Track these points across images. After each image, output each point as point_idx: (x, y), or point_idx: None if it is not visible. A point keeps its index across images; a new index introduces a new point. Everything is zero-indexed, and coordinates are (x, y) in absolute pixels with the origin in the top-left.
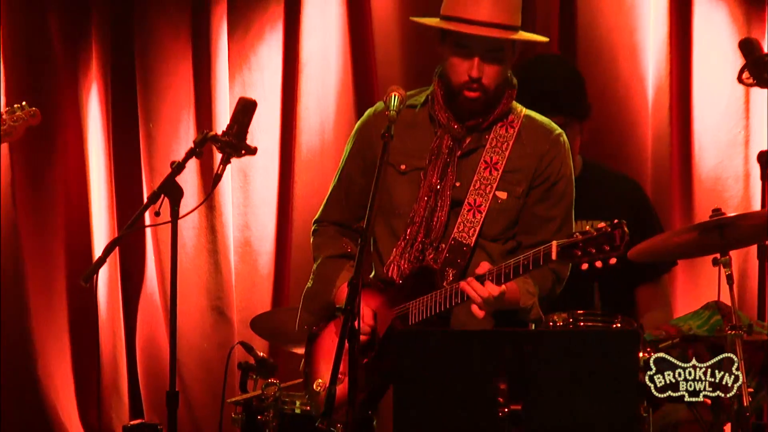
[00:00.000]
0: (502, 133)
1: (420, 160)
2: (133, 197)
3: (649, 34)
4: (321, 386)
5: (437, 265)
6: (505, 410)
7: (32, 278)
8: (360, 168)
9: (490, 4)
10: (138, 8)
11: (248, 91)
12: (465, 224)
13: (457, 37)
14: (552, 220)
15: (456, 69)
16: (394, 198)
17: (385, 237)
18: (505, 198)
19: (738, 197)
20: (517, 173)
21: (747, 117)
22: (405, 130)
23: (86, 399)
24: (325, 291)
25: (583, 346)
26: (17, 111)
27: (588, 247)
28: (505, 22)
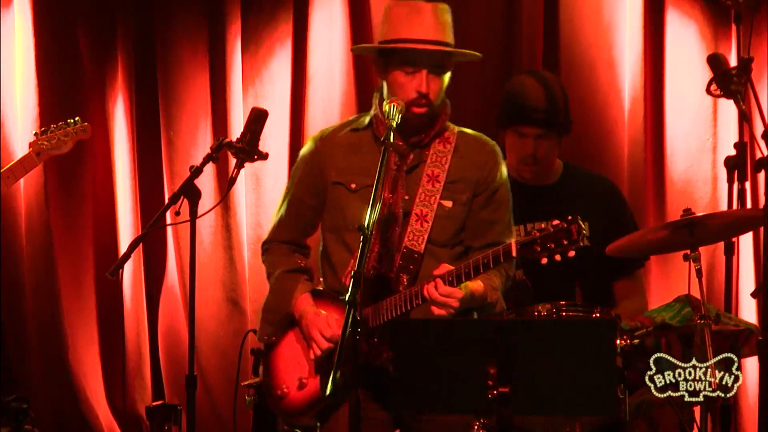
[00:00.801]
0: (440, 148)
1: (368, 178)
2: (155, 198)
3: (625, 50)
4: (285, 392)
5: (392, 273)
6: (494, 392)
7: (63, 272)
8: (310, 191)
9: (432, 25)
10: (159, 27)
11: (260, 102)
12: (414, 233)
13: (405, 57)
14: (497, 222)
15: (404, 87)
16: (346, 215)
17: (338, 251)
18: (451, 206)
19: (706, 198)
20: (459, 183)
21: (715, 125)
22: (351, 152)
23: (112, 382)
24: (284, 303)
25: (566, 334)
26: (70, 125)
27: (547, 242)
28: (445, 40)
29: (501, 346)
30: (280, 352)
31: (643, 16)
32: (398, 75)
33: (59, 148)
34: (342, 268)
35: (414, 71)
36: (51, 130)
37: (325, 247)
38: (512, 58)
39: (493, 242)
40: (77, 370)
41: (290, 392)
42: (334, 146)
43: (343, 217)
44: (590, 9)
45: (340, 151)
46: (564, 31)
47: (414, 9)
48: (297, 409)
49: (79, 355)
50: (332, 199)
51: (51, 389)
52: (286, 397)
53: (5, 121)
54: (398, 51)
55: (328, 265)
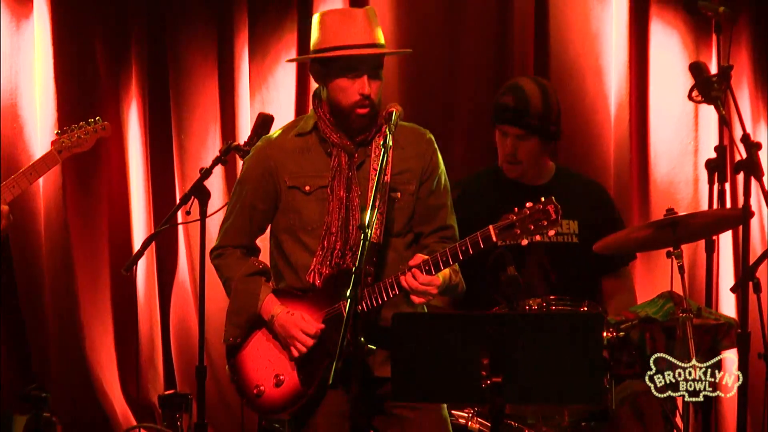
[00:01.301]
0: (380, 142)
1: (321, 179)
2: (167, 198)
3: (612, 59)
4: (262, 390)
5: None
6: (488, 382)
7: (80, 268)
8: (261, 196)
9: (366, 30)
10: (171, 36)
11: (266, 108)
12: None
13: (346, 63)
14: (443, 206)
15: (347, 92)
16: (303, 216)
17: (297, 252)
18: (400, 197)
19: (688, 199)
20: (405, 173)
21: (696, 129)
22: (300, 156)
23: (127, 372)
24: (249, 305)
25: (555, 327)
26: (90, 124)
27: (526, 224)
28: (379, 42)
29: (494, 338)
30: (249, 353)
31: (628, 26)
32: (340, 81)
33: (80, 146)
34: (303, 267)
35: (355, 76)
36: (72, 129)
37: (280, 248)
38: (505, 65)
39: (442, 226)
40: (93, 360)
41: (266, 390)
42: (283, 152)
43: (300, 218)
44: (578, 19)
45: (289, 156)
46: (553, 40)
47: (347, 16)
48: (276, 406)
49: (95, 347)
50: (287, 202)
51: (69, 379)
52: (263, 396)
53: (25, 125)
54: (338, 58)
55: (287, 265)
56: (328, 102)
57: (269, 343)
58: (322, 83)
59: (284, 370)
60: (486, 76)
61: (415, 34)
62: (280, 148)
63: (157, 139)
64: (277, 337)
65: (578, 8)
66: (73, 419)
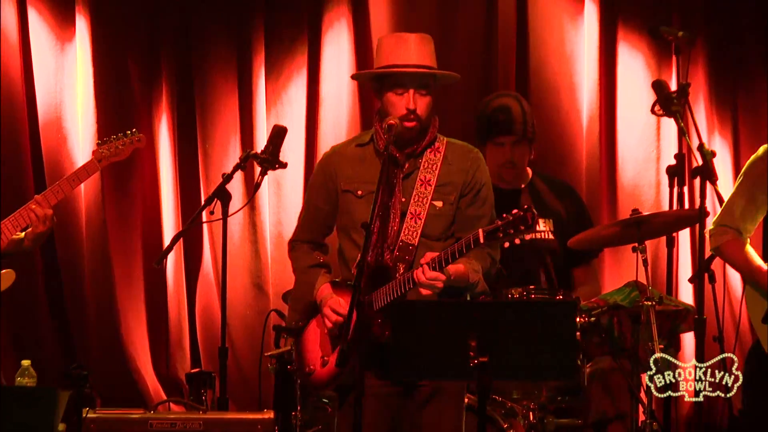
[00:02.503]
0: (431, 157)
1: (372, 185)
2: (193, 200)
3: (584, 77)
4: (312, 369)
5: (391, 263)
6: (475, 361)
7: (117, 262)
8: (324, 197)
9: (416, 52)
10: (196, 58)
11: (280, 121)
12: (409, 229)
13: (395, 80)
14: (483, 217)
15: (396, 106)
16: (354, 217)
17: (349, 248)
18: (441, 206)
19: (651, 200)
20: (448, 186)
21: (658, 140)
22: (357, 164)
23: (158, 353)
24: (307, 293)
25: (534, 313)
26: (128, 136)
27: (508, 229)
28: (429, 64)
29: (481, 323)
30: (306, 336)
31: (598, 48)
32: (390, 96)
33: (118, 155)
34: (353, 261)
35: (403, 92)
36: (111, 140)
37: (339, 245)
38: (490, 83)
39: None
40: (128, 342)
41: (316, 369)
42: (343, 159)
43: (352, 219)
44: (554, 42)
45: (348, 163)
46: (533, 60)
47: (401, 39)
48: (322, 383)
49: (129, 330)
50: (343, 204)
51: (106, 358)
52: (314, 374)
53: (68, 136)
54: (389, 75)
55: (342, 259)
56: (383, 116)
57: (320, 328)
58: (378, 98)
59: (328, 352)
60: (474, 92)
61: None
62: (342, 156)
63: (184, 148)
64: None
65: (555, 32)
66: (110, 394)
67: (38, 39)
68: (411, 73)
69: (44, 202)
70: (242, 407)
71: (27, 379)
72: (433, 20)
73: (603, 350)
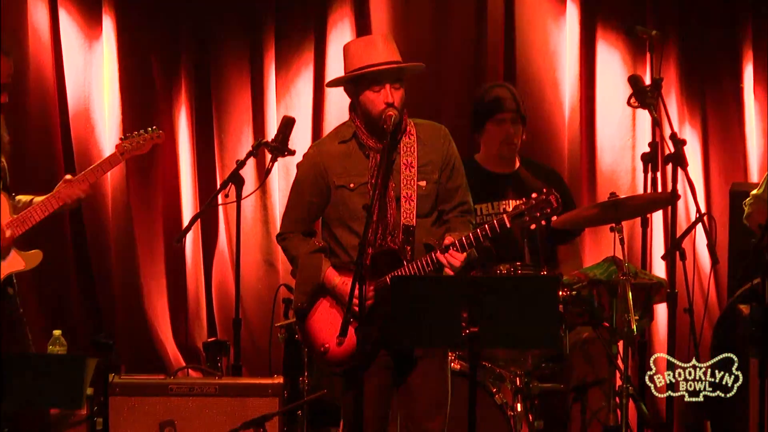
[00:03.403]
0: (407, 140)
1: (362, 177)
2: (210, 184)
3: (566, 73)
4: (327, 348)
5: (397, 246)
6: (467, 331)
7: (140, 240)
8: (316, 193)
9: (385, 50)
10: (213, 55)
11: (289, 111)
12: (406, 212)
13: (371, 78)
14: (459, 187)
15: (375, 102)
16: (350, 208)
17: (346, 235)
18: (425, 185)
19: (627, 185)
20: (428, 165)
21: (634, 129)
22: (345, 160)
23: (177, 324)
24: (314, 276)
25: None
26: (148, 132)
27: (533, 212)
28: (397, 59)
29: (472, 296)
30: (317, 317)
31: (579, 46)
32: (368, 93)
33: (139, 149)
34: (352, 247)
35: (380, 88)
36: (133, 135)
37: (332, 233)
38: (479, 77)
39: (460, 202)
40: (150, 314)
41: (331, 348)
42: (330, 157)
43: (348, 209)
44: (539, 41)
45: (335, 161)
46: (519, 57)
47: (368, 42)
48: (338, 361)
49: (151, 303)
50: (337, 197)
51: (131, 329)
52: (328, 352)
53: (96, 126)
54: (365, 75)
55: (337, 245)
56: (362, 113)
57: (333, 309)
58: (355, 99)
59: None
60: (465, 86)
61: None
62: (328, 154)
63: (201, 137)
64: (338, 305)
65: (539, 32)
66: (134, 361)
67: (68, 37)
68: (386, 69)
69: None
70: (254, 373)
71: (58, 348)
72: (428, 21)
73: (583, 321)
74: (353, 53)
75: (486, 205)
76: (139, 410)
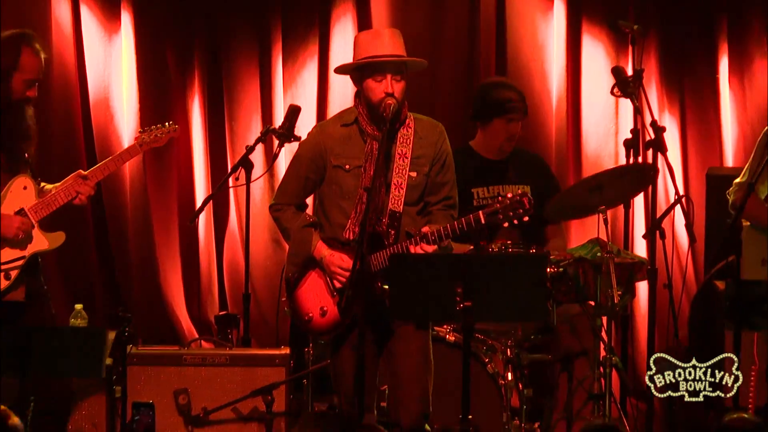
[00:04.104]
0: (404, 132)
1: (357, 161)
2: (221, 168)
3: (553, 64)
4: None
5: (382, 229)
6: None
7: (156, 220)
8: (314, 170)
9: (390, 44)
10: (224, 47)
11: (295, 101)
12: (395, 198)
13: (374, 68)
14: (447, 182)
15: (375, 91)
16: (342, 188)
17: (335, 213)
18: (416, 176)
19: None
20: (421, 158)
21: (617, 117)
22: (344, 142)
23: (191, 298)
24: (305, 249)
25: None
26: (165, 126)
27: (507, 212)
28: (401, 53)
29: (466, 273)
30: (303, 288)
31: (565, 39)
32: (370, 82)
33: (156, 142)
34: (339, 225)
35: (382, 78)
36: (151, 129)
37: (323, 209)
38: (473, 68)
39: (445, 197)
40: (165, 289)
41: (314, 317)
42: (331, 138)
43: (341, 189)
44: (528, 34)
45: (335, 142)
46: (510, 50)
47: (376, 34)
48: (321, 330)
49: (167, 278)
50: (331, 176)
51: (147, 303)
52: (312, 321)
53: (115, 114)
54: (369, 65)
55: (327, 221)
56: (364, 101)
57: (320, 280)
58: (359, 86)
59: (328, 303)
60: (460, 78)
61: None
62: (330, 135)
63: (213, 124)
64: (325, 276)
65: (528, 26)
66: (150, 333)
67: (89, 31)
68: (388, 61)
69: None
70: (262, 344)
71: (79, 321)
72: (425, 16)
73: (569, 297)
74: (361, 43)
75: (482, 189)
76: (155, 379)
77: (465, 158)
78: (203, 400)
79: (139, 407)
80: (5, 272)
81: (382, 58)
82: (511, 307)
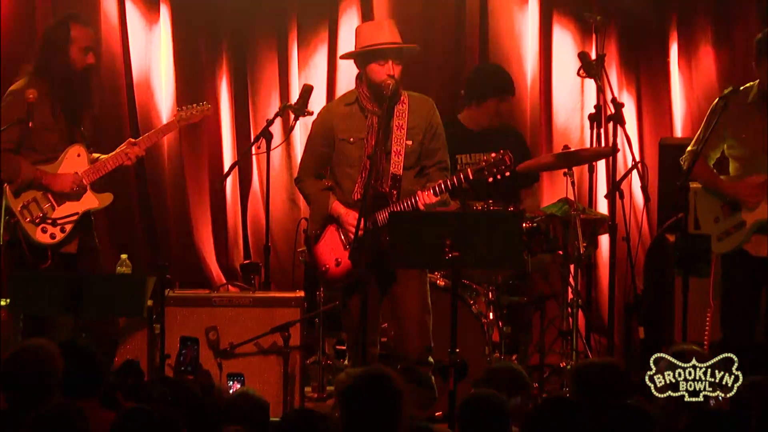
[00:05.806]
0: (400, 107)
1: (360, 133)
2: (245, 138)
3: (528, 50)
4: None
5: (386, 190)
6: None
7: (190, 182)
8: (325, 144)
9: (391, 33)
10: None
11: (308, 80)
12: (395, 163)
13: (378, 54)
14: (439, 149)
15: (378, 73)
16: (348, 157)
17: (344, 178)
18: (411, 144)
19: (577, 139)
20: (415, 128)
21: (582, 95)
22: (348, 119)
23: (220, 249)
24: (323, 208)
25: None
26: (199, 106)
27: (491, 168)
28: (399, 41)
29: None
30: (321, 243)
31: (539, 28)
32: (374, 66)
33: (191, 119)
34: (348, 189)
35: (384, 63)
36: (188, 107)
37: (334, 176)
38: (459, 54)
39: (439, 161)
40: (198, 241)
41: (330, 268)
42: (336, 116)
43: (347, 158)
44: (507, 24)
45: (340, 119)
46: (491, 37)
47: (377, 25)
48: (336, 279)
49: (199, 233)
50: (340, 148)
51: (182, 253)
52: (328, 272)
53: (155, 93)
54: (373, 51)
55: (337, 186)
56: (366, 81)
57: (335, 234)
58: (362, 69)
59: (342, 256)
60: (448, 64)
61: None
62: (335, 114)
63: (238, 101)
64: (340, 232)
65: (507, 17)
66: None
67: (132, 21)
68: (391, 48)
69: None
70: (280, 288)
71: (124, 269)
72: (419, 10)
73: (542, 248)
74: (364, 33)
75: (465, 156)
76: (189, 318)
77: (452, 129)
78: (230, 336)
79: (186, 341)
80: (61, 226)
81: (385, 45)
82: (493, 257)
